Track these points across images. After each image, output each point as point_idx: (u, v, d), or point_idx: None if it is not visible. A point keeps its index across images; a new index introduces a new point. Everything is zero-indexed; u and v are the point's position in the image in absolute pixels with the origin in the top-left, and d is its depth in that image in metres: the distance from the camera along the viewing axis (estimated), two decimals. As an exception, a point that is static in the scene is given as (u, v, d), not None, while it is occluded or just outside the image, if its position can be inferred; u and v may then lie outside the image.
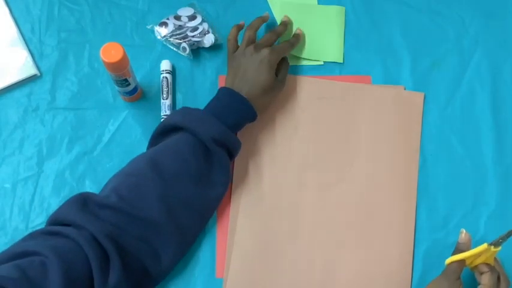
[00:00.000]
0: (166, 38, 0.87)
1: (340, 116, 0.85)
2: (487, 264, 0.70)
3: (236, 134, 0.79)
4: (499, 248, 0.69)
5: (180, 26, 0.88)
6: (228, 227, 0.78)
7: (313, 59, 0.89)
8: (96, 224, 0.66)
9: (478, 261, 0.70)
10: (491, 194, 0.82)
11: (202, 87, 0.87)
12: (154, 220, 0.69)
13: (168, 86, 0.85)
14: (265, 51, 0.79)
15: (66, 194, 0.80)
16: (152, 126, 0.78)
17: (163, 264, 0.71)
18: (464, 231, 0.72)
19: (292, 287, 0.76)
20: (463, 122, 0.86)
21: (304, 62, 0.89)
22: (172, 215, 0.70)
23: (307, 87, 0.86)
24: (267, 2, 0.92)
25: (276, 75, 0.81)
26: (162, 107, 0.84)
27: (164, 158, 0.73)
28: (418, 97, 0.86)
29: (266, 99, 0.80)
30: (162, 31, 0.88)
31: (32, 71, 0.85)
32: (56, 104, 0.85)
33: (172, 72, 0.87)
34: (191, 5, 0.90)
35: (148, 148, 0.78)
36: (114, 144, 0.83)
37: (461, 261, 0.69)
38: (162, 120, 0.81)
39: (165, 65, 0.86)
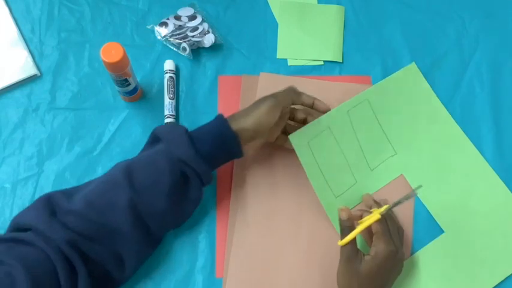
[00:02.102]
0: (166, 38, 0.87)
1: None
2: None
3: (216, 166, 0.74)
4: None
5: (180, 26, 0.88)
6: (227, 228, 0.78)
7: (312, 58, 0.89)
8: (62, 233, 0.64)
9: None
10: (491, 194, 0.82)
11: (202, 87, 0.87)
12: (119, 228, 0.68)
13: (174, 86, 0.85)
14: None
15: (66, 194, 0.80)
16: (152, 126, 0.78)
17: (126, 270, 0.70)
18: (342, 207, 0.72)
19: (292, 287, 0.76)
20: (463, 122, 0.86)
21: (304, 62, 0.89)
22: (139, 225, 0.69)
23: (307, 87, 0.86)
24: (267, 1, 0.92)
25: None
26: (168, 107, 0.83)
27: (140, 168, 0.70)
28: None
29: (257, 141, 0.75)
30: (162, 31, 0.88)
31: (32, 71, 0.85)
32: (56, 104, 0.85)
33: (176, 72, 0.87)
34: (191, 5, 0.90)
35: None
36: (114, 144, 0.83)
37: (352, 241, 0.69)
38: (165, 120, 0.81)
39: (170, 65, 0.86)
